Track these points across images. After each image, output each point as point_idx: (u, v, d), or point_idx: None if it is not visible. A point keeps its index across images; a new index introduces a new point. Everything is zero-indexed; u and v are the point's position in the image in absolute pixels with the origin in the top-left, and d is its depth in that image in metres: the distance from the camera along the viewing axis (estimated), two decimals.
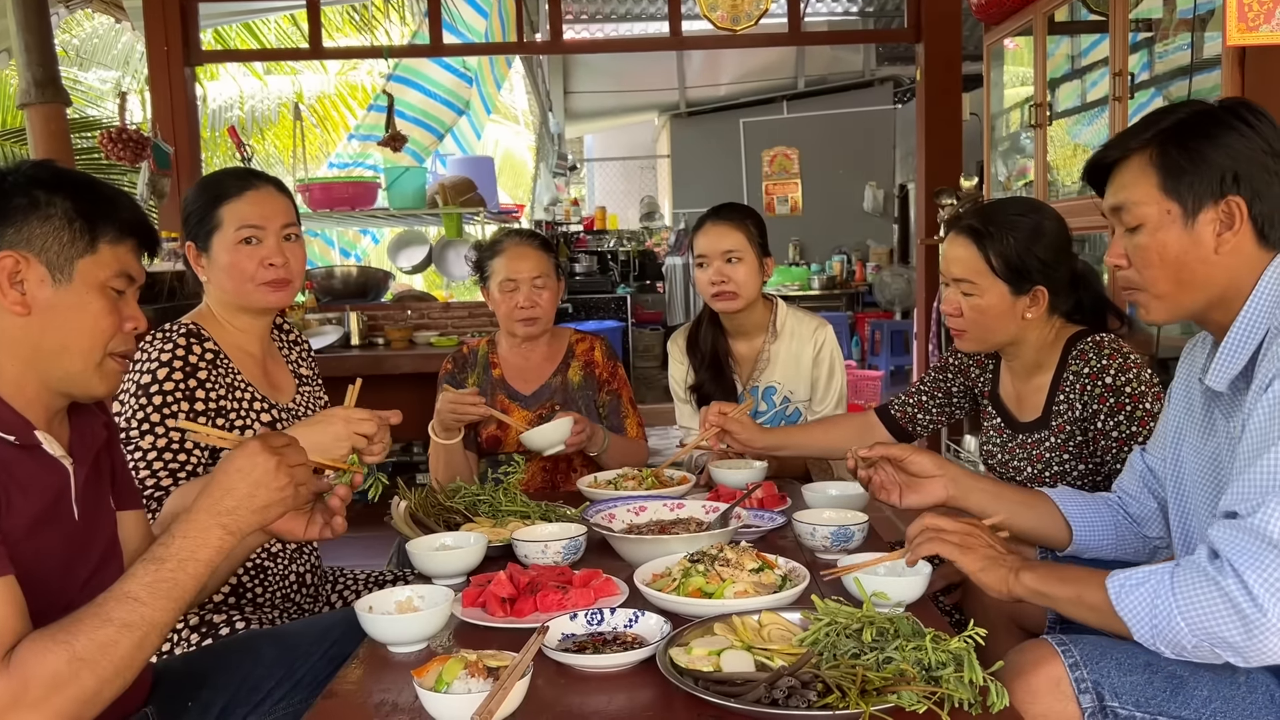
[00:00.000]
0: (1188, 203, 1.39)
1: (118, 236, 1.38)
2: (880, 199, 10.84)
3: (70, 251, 1.33)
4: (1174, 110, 1.45)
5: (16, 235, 1.31)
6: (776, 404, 2.77)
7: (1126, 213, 1.45)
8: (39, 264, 1.31)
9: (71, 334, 1.34)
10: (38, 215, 1.32)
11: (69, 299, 1.33)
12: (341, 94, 10.81)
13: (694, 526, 1.91)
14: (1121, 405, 1.94)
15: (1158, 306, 1.47)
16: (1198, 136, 1.39)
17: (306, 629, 1.78)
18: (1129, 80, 3.56)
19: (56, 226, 1.32)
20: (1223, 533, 1.27)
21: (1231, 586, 1.21)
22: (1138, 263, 1.45)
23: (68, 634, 1.17)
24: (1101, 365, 1.96)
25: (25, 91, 5.02)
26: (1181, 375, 1.62)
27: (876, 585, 1.49)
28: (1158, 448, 1.67)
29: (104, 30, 9.40)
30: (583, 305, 9.53)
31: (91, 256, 1.35)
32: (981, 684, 1.19)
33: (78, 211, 1.34)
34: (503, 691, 1.18)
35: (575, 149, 13.58)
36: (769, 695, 1.18)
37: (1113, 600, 1.32)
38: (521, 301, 2.61)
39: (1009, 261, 1.99)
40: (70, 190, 1.35)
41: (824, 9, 9.07)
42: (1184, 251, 1.40)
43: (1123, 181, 1.46)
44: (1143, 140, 1.44)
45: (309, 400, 2.19)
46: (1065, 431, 2.03)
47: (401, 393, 3.30)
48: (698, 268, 2.73)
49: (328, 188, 5.50)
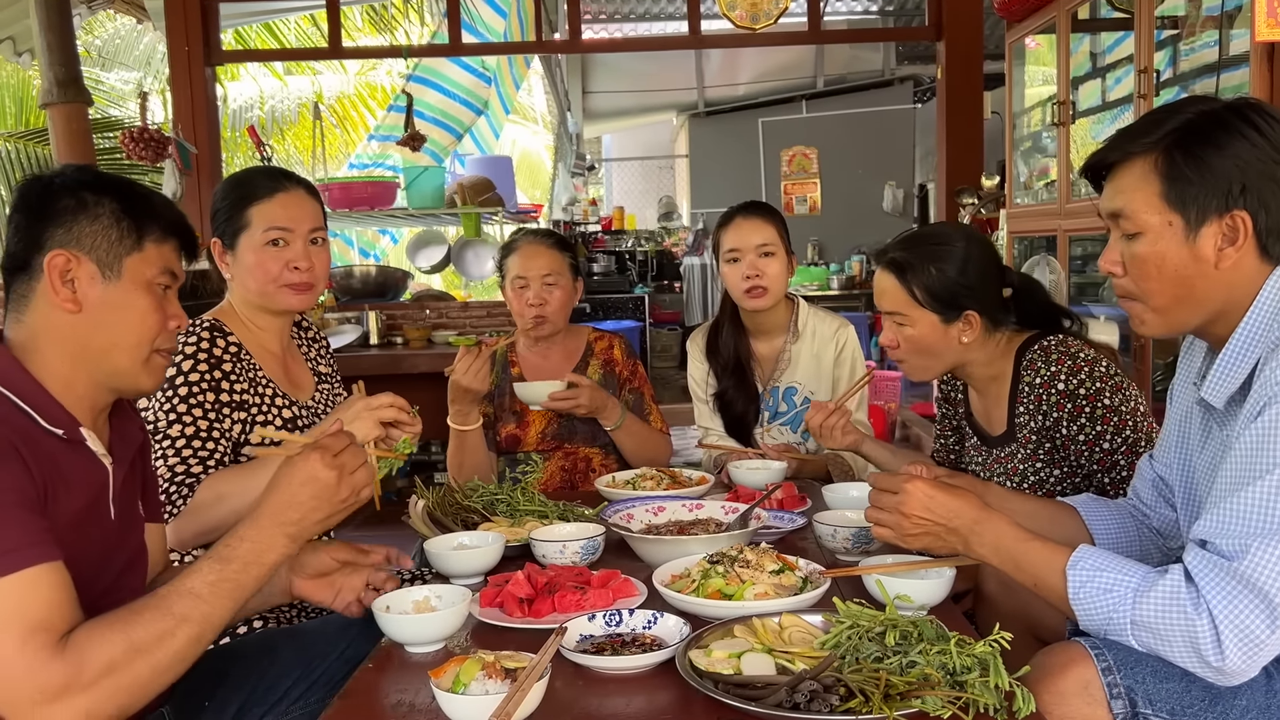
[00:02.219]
0: (1191, 215, 1.33)
1: (162, 236, 1.43)
2: (900, 199, 10.78)
3: (119, 249, 1.38)
4: (1179, 110, 1.37)
5: (66, 235, 1.35)
6: (797, 404, 2.74)
7: (1125, 219, 1.39)
8: (89, 262, 1.36)
9: (121, 330, 1.38)
10: (86, 215, 1.36)
11: (118, 296, 1.38)
12: (361, 94, 10.85)
13: (713, 527, 1.89)
14: (1080, 409, 1.92)
15: (1153, 320, 1.42)
16: (1205, 144, 1.32)
17: (323, 629, 1.78)
18: (1154, 78, 3.51)
19: (105, 225, 1.37)
20: (1202, 566, 1.24)
21: (1201, 626, 1.21)
22: (1134, 272, 1.40)
23: (126, 623, 1.20)
24: (1051, 373, 1.95)
25: (47, 91, 5.04)
26: (1180, 377, 1.58)
27: (900, 588, 1.47)
28: (1164, 453, 1.64)
29: (126, 31, 9.47)
30: (600, 305, 9.52)
31: (139, 254, 1.39)
32: (1007, 688, 1.17)
33: (124, 211, 1.39)
34: (520, 693, 1.16)
35: (593, 149, 13.57)
36: (790, 699, 1.16)
37: (1070, 597, 1.33)
38: (531, 299, 2.61)
39: (933, 292, 1.98)
40: (115, 191, 1.39)
41: (844, 8, 9.02)
42: (1183, 266, 1.35)
43: (1122, 185, 1.40)
44: (1146, 144, 1.37)
45: (327, 398, 2.20)
46: (1032, 442, 2.01)
47: (420, 392, 3.29)
48: (728, 263, 2.66)
49: (347, 187, 5.51)
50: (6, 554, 1.16)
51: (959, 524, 1.45)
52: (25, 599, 1.16)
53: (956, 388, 2.27)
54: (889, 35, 9.94)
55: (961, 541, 1.46)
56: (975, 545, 1.44)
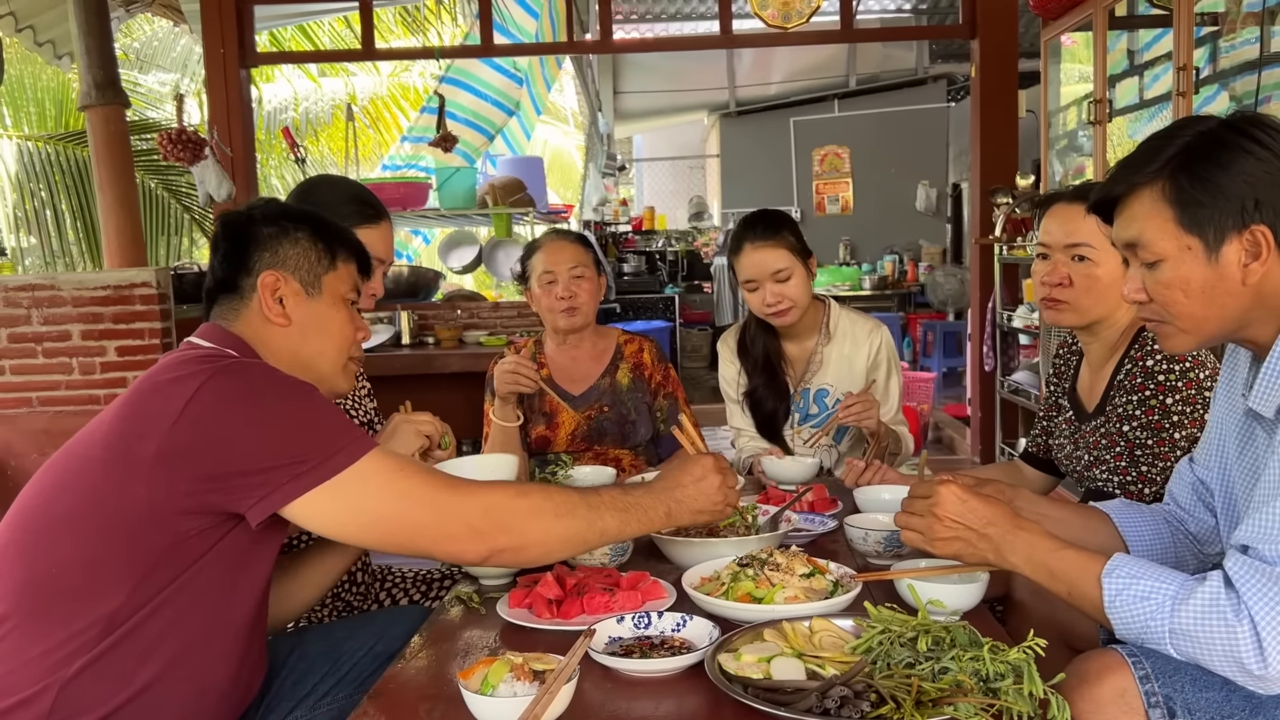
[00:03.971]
0: (1209, 236, 1.31)
1: (349, 256, 1.61)
2: (933, 198, 10.69)
3: (318, 269, 1.55)
4: (1175, 135, 1.35)
5: (273, 258, 1.52)
6: (829, 406, 2.72)
7: (1143, 249, 1.37)
8: (294, 280, 1.53)
9: (325, 340, 1.56)
10: (288, 239, 1.53)
11: (320, 310, 1.55)
12: (394, 95, 10.92)
13: (742, 530, 1.88)
14: (1144, 387, 1.92)
15: (1184, 339, 1.40)
16: (1209, 164, 1.30)
17: (353, 627, 1.79)
18: (1194, 75, 3.46)
19: (305, 248, 1.54)
20: (1244, 571, 1.22)
21: (1243, 633, 1.19)
22: (1160, 299, 1.38)
23: (543, 493, 1.45)
24: (1151, 350, 1.94)
25: (86, 94, 5.12)
26: (1224, 383, 1.55)
27: (933, 592, 1.45)
28: (1205, 456, 1.61)
29: (163, 34, 9.59)
30: (630, 305, 9.52)
31: (334, 273, 1.57)
32: (1042, 696, 1.15)
33: (318, 235, 1.56)
34: (549, 695, 1.16)
35: (624, 149, 13.58)
36: (821, 705, 1.15)
37: (1106, 605, 1.31)
38: (560, 292, 2.62)
39: None
40: (305, 220, 1.57)
41: (876, 6, 8.96)
42: (1209, 285, 1.33)
43: (1133, 215, 1.37)
44: (1149, 173, 1.35)
45: (359, 398, 2.21)
46: (1115, 418, 1.99)
47: (450, 392, 3.32)
48: (748, 291, 2.64)
49: (379, 188, 5.54)
50: (361, 440, 1.35)
51: (992, 531, 1.43)
52: (402, 460, 1.41)
53: (1070, 362, 2.24)
54: (922, 34, 9.85)
55: (993, 549, 1.43)
56: (1008, 554, 1.42)
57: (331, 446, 1.32)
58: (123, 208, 5.18)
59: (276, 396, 1.34)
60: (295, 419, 1.33)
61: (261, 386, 1.34)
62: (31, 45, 5.81)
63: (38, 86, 8.79)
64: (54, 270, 7.97)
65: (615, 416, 2.67)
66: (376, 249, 2.06)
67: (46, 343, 4.36)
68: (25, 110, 8.78)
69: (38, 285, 4.38)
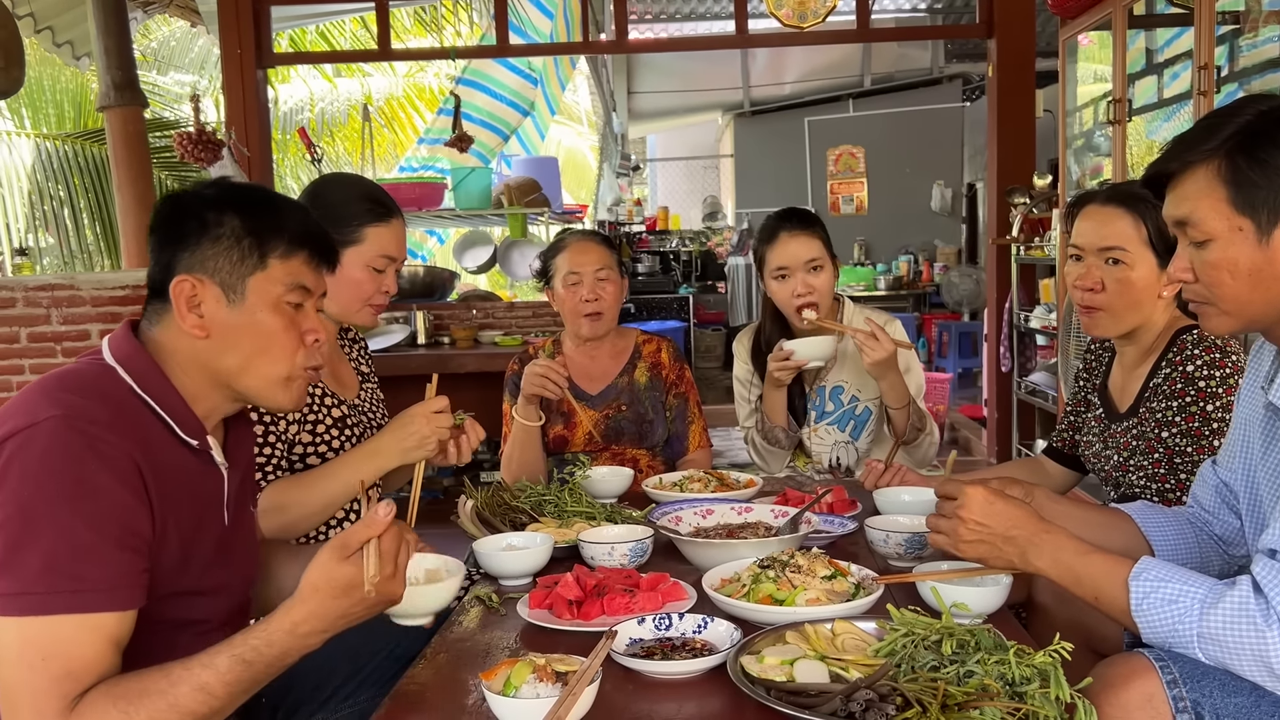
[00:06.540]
0: (1262, 218, 1.29)
1: (288, 250, 1.38)
2: (948, 198, 10.65)
3: (241, 270, 1.35)
4: (1236, 113, 1.33)
5: (191, 258, 1.34)
6: (844, 403, 2.71)
7: (1193, 228, 1.35)
8: (213, 285, 1.34)
9: (249, 353, 1.36)
10: (208, 237, 1.34)
11: (243, 317, 1.35)
12: (410, 96, 10.94)
13: (762, 531, 1.87)
14: (1185, 393, 1.90)
15: (1226, 322, 1.38)
16: (1270, 145, 1.28)
17: (374, 628, 1.78)
18: (1214, 74, 3.43)
19: (226, 246, 1.35)
20: (1272, 576, 1.21)
21: (1272, 638, 1.18)
22: (1206, 279, 1.36)
23: (131, 704, 1.16)
24: (1190, 354, 1.91)
25: (105, 94, 5.15)
26: (1248, 380, 1.53)
27: (956, 595, 1.44)
28: (1228, 458, 1.59)
29: (180, 34, 9.63)
30: (645, 305, 9.52)
31: (262, 273, 1.36)
32: (1068, 700, 1.14)
33: (246, 229, 1.36)
34: (572, 697, 1.16)
35: (638, 149, 13.58)
36: (846, 708, 1.14)
37: (1133, 609, 1.30)
38: (586, 294, 2.60)
39: (1164, 234, 1.90)
40: (239, 208, 1.37)
41: (892, 5, 8.93)
42: (1258, 269, 1.31)
43: (1185, 193, 1.36)
44: (1205, 151, 1.33)
45: (371, 396, 2.23)
46: (1153, 422, 1.97)
47: (466, 392, 3.31)
48: (777, 280, 2.61)
49: (395, 188, 5.55)
50: (83, 592, 1.16)
51: (1018, 534, 1.42)
52: (79, 642, 1.16)
53: (1101, 358, 2.23)
54: (939, 33, 9.81)
55: (1018, 553, 1.42)
56: (1033, 557, 1.41)
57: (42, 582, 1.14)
58: (141, 207, 5.20)
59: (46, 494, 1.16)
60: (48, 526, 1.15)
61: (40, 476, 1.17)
62: (50, 46, 5.85)
63: (56, 87, 8.84)
64: (72, 270, 8.01)
65: (633, 416, 2.67)
66: (388, 247, 2.07)
67: (66, 342, 4.39)
68: (44, 111, 8.84)
69: (57, 285, 4.41)
